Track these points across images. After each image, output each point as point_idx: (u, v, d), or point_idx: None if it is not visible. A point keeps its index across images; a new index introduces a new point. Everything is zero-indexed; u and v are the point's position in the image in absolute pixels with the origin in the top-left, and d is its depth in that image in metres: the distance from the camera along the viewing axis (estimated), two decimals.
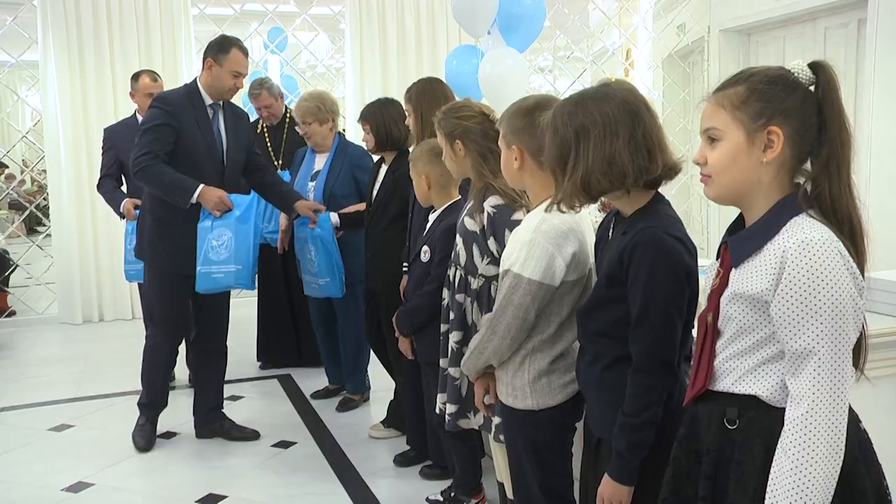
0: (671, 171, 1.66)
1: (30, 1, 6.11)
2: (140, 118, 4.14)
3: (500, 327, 1.97)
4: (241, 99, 5.49)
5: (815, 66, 1.34)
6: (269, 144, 4.67)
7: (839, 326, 1.26)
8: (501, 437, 2.35)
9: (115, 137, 4.26)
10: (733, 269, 1.37)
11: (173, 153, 3.35)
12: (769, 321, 1.32)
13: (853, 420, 1.35)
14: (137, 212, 3.87)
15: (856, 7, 5.07)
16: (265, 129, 4.72)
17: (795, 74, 1.34)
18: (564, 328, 1.99)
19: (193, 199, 3.32)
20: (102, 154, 4.34)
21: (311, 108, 3.91)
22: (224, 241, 3.39)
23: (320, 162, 4.00)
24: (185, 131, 3.35)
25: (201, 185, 3.31)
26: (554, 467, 2.05)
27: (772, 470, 1.29)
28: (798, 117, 1.32)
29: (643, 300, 1.59)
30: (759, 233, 1.34)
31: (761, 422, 1.34)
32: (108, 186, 4.26)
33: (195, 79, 3.50)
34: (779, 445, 1.29)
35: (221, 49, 3.45)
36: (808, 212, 1.31)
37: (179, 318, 3.56)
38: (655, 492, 1.54)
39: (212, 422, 3.71)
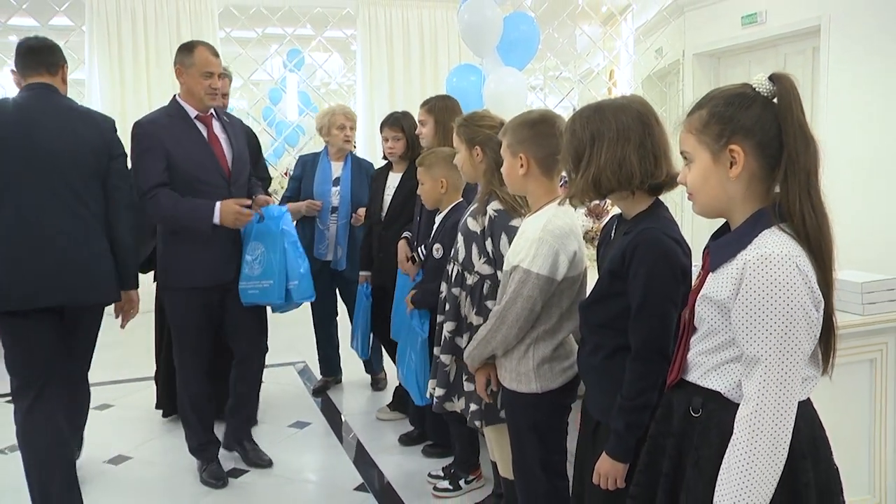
0: (673, 179, 1.65)
1: (79, 27, 6.21)
2: (187, 105, 2.88)
3: (510, 317, 1.97)
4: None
5: (774, 78, 1.31)
6: None
7: (789, 337, 1.23)
8: (476, 423, 2.34)
9: (162, 133, 2.81)
10: (710, 273, 1.35)
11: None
12: (731, 326, 1.30)
13: (809, 421, 1.34)
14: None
15: (811, 36, 5.18)
16: None
17: (757, 88, 1.31)
18: (564, 319, 2.00)
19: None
20: (143, 154, 2.77)
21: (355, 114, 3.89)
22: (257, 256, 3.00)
23: (337, 168, 3.90)
24: None
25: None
26: (553, 445, 2.05)
27: (724, 460, 1.28)
28: (757, 131, 1.29)
29: (642, 295, 1.58)
30: (734, 242, 1.31)
31: (720, 414, 1.33)
32: (175, 196, 2.79)
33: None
34: (731, 439, 1.27)
35: None
36: (779, 225, 1.28)
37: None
38: None
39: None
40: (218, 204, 2.80)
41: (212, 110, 2.94)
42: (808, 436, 1.32)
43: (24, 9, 5.81)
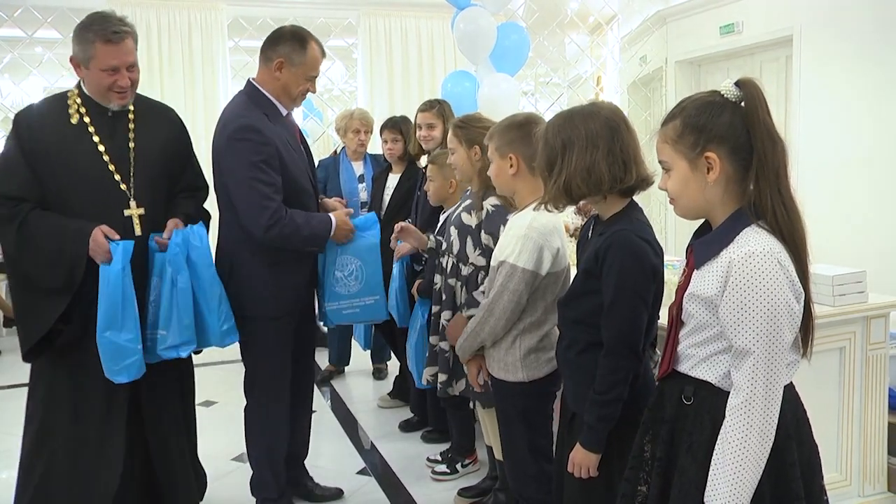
0: (644, 182, 1.64)
1: None
2: (279, 103, 2.37)
3: (497, 309, 1.97)
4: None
5: (740, 84, 1.31)
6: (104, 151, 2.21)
7: (773, 329, 1.24)
8: (472, 404, 2.39)
9: (275, 137, 2.33)
10: (696, 270, 1.35)
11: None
12: (719, 320, 1.30)
13: (793, 404, 1.35)
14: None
15: (784, 45, 5.23)
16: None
17: (725, 94, 1.30)
18: (548, 312, 2.00)
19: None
20: (260, 166, 2.22)
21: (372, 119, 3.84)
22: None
23: (359, 167, 3.87)
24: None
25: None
26: (541, 430, 2.06)
27: (717, 445, 1.29)
28: (729, 137, 1.29)
29: (614, 293, 1.57)
30: (717, 241, 1.31)
31: (711, 401, 1.33)
32: (295, 210, 2.34)
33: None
34: (723, 425, 1.29)
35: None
36: (757, 223, 1.28)
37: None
38: (621, 458, 1.53)
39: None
40: (333, 216, 2.33)
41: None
42: (793, 417, 1.34)
43: (49, 22, 5.82)
